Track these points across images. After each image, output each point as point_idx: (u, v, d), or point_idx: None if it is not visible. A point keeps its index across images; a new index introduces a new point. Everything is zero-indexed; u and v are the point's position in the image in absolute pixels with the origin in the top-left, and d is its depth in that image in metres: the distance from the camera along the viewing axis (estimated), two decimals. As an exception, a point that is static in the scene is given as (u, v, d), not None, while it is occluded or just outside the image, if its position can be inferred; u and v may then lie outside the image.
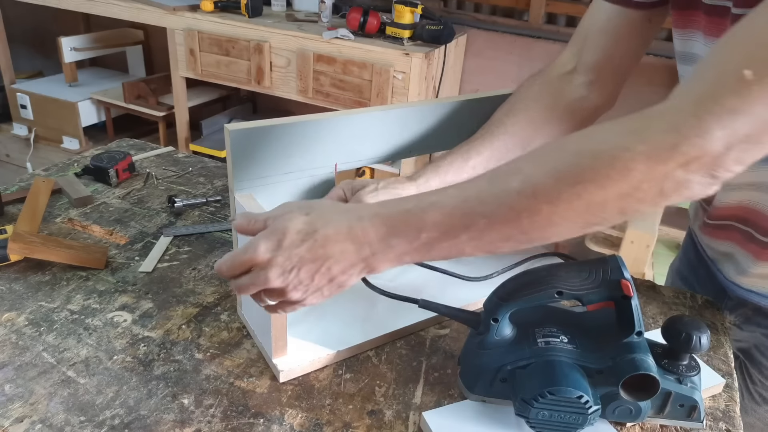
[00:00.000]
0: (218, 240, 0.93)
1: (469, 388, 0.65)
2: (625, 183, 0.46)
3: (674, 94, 0.49)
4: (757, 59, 0.44)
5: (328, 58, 2.20)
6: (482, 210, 0.49)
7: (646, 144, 0.46)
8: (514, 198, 0.48)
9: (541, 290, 0.60)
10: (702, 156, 0.45)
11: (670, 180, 0.46)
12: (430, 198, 0.51)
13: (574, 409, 0.58)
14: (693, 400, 0.61)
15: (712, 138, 0.44)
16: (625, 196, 0.47)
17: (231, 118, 2.85)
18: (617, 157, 0.46)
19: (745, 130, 0.44)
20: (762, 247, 0.73)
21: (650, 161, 0.45)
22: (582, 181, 0.47)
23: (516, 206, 0.48)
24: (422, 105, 0.78)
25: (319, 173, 0.74)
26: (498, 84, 2.55)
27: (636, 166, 0.45)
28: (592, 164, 0.47)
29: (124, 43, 3.03)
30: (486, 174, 0.52)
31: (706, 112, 0.45)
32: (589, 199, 0.47)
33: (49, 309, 0.76)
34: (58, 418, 0.61)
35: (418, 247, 0.51)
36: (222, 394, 0.65)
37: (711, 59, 0.49)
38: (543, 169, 0.48)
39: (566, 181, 0.47)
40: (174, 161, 1.20)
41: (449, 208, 0.50)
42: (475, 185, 0.51)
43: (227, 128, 0.65)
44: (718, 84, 0.46)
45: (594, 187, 0.46)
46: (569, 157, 0.48)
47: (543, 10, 2.39)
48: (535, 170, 0.49)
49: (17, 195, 1.00)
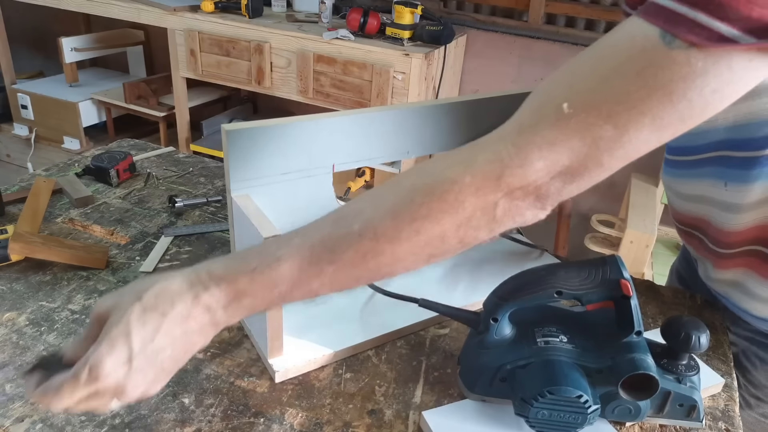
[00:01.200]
0: (219, 240, 0.94)
1: (468, 388, 0.65)
2: (459, 215, 0.48)
3: (505, 123, 0.50)
4: (576, 92, 0.46)
5: (328, 58, 2.20)
6: (329, 257, 0.49)
7: (473, 175, 0.47)
8: (356, 241, 0.49)
9: (541, 290, 0.60)
10: (525, 185, 0.47)
11: (499, 208, 0.48)
12: (275, 252, 0.50)
13: (573, 408, 0.58)
14: (692, 399, 0.62)
15: (533, 168, 0.46)
16: (461, 227, 0.48)
17: (231, 119, 2.85)
18: (447, 190, 0.47)
19: (564, 161, 0.46)
20: (716, 256, 0.76)
21: (478, 192, 0.47)
22: (418, 217, 0.48)
23: (360, 249, 0.49)
24: (421, 106, 0.78)
25: (317, 173, 0.74)
26: (498, 84, 2.55)
27: (466, 197, 0.47)
28: (424, 200, 0.48)
29: (125, 44, 3.03)
30: (330, 216, 0.52)
31: (527, 142, 0.46)
32: (428, 235, 0.48)
33: (49, 309, 0.76)
34: (58, 417, 0.61)
35: (271, 300, 0.51)
36: (222, 394, 0.65)
37: (537, 90, 0.50)
38: (382, 210, 0.49)
39: (404, 219, 0.48)
40: (175, 161, 1.20)
41: (297, 260, 0.49)
42: (319, 231, 0.51)
43: (224, 128, 0.65)
44: (540, 115, 0.47)
45: (430, 223, 0.48)
46: (405, 194, 0.49)
47: (543, 10, 2.39)
48: (375, 211, 0.50)
49: (18, 195, 1.00)
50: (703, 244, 0.78)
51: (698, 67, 0.42)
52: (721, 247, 0.75)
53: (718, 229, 0.73)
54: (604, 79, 0.45)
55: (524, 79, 2.50)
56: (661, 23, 0.43)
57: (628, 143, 0.45)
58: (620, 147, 0.45)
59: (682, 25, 0.42)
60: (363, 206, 0.51)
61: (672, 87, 0.43)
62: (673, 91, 0.43)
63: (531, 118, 0.48)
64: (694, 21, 0.41)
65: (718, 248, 0.75)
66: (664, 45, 0.42)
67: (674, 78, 0.42)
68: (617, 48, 0.46)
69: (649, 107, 0.44)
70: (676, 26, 0.42)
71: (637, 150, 0.46)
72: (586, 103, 0.45)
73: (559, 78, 0.49)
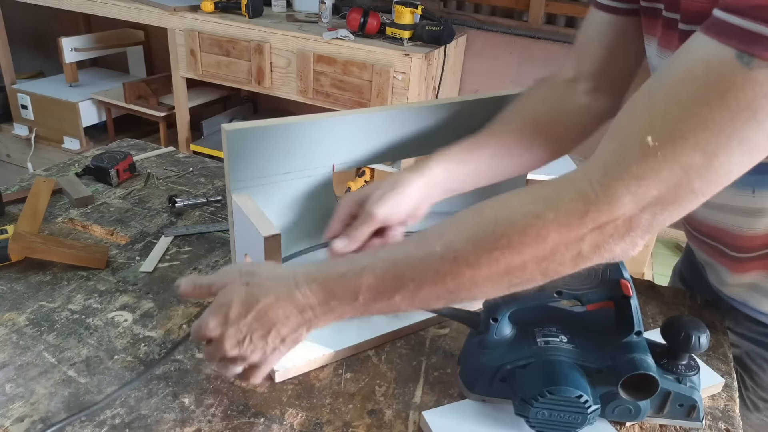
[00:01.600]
0: (219, 240, 0.94)
1: (469, 388, 0.65)
2: (540, 248, 0.48)
3: (587, 161, 0.50)
4: (659, 125, 0.46)
5: (328, 58, 2.20)
6: (411, 273, 0.52)
7: (557, 212, 0.48)
8: (438, 262, 0.51)
9: (541, 290, 0.60)
10: (613, 220, 0.47)
11: (586, 243, 0.48)
12: (362, 262, 0.54)
13: (573, 408, 0.58)
14: (692, 399, 0.62)
15: (621, 203, 0.46)
16: (543, 260, 0.49)
17: (231, 119, 2.85)
18: (530, 224, 0.49)
19: (654, 193, 0.46)
20: (735, 261, 0.76)
21: (561, 228, 0.48)
22: (499, 247, 0.49)
23: (441, 270, 0.51)
24: (421, 106, 0.78)
25: (317, 173, 0.74)
26: (498, 84, 2.55)
27: (548, 233, 0.48)
28: (506, 231, 0.49)
29: (125, 44, 3.03)
30: (414, 237, 0.55)
31: (613, 179, 0.47)
32: (507, 264, 0.49)
33: (49, 309, 0.76)
34: (58, 417, 0.61)
35: (355, 308, 0.54)
36: (222, 394, 0.65)
37: (617, 125, 0.50)
38: (463, 235, 0.51)
39: (484, 247, 0.50)
40: (174, 161, 1.20)
41: (381, 272, 0.52)
42: (403, 248, 0.54)
43: (224, 128, 0.65)
44: (624, 151, 0.47)
45: (511, 253, 0.49)
46: (486, 224, 0.51)
47: (542, 10, 2.39)
48: (456, 236, 0.52)
49: (18, 195, 1.00)
50: (720, 252, 0.78)
51: None
52: (740, 252, 0.74)
53: (738, 236, 0.72)
54: (685, 109, 0.45)
55: (524, 79, 2.49)
56: (736, 44, 0.43)
57: (720, 168, 0.45)
58: (712, 172, 0.45)
59: (758, 43, 0.42)
60: (445, 230, 0.53)
61: (755, 107, 0.43)
62: (756, 110, 0.43)
63: (615, 157, 0.48)
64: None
65: (738, 253, 0.74)
66: (742, 66, 0.43)
67: (757, 98, 0.43)
68: (694, 75, 0.46)
69: (736, 130, 0.44)
70: (752, 45, 0.42)
71: (729, 174, 0.46)
72: (671, 134, 0.45)
73: (635, 113, 0.49)
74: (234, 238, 0.74)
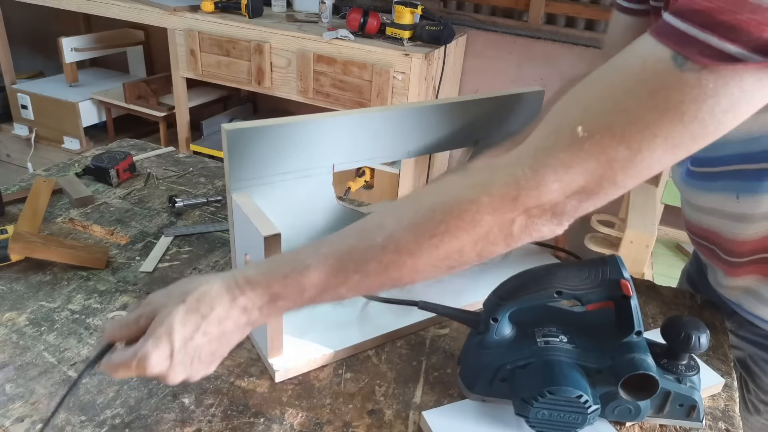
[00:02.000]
0: (219, 240, 0.94)
1: (469, 388, 0.65)
2: (476, 231, 0.50)
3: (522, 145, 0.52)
4: (590, 115, 0.47)
5: (328, 58, 2.20)
6: (354, 267, 0.53)
7: (490, 196, 0.50)
8: (380, 253, 0.52)
9: (541, 290, 0.60)
10: (541, 204, 0.49)
11: (516, 225, 0.50)
12: (305, 260, 0.53)
13: (573, 408, 0.58)
14: (692, 399, 0.62)
15: (549, 189, 0.48)
16: (478, 242, 0.51)
17: (231, 119, 2.85)
18: (466, 209, 0.50)
19: (579, 182, 0.48)
20: (728, 265, 0.77)
21: (495, 212, 0.50)
22: (438, 233, 0.51)
23: (383, 260, 0.52)
24: (421, 106, 0.78)
25: (317, 173, 0.74)
26: (498, 84, 2.55)
27: (483, 216, 0.50)
28: (444, 218, 0.51)
29: (125, 44, 3.03)
30: (354, 228, 0.56)
31: (543, 164, 0.48)
32: (447, 249, 0.51)
33: (49, 309, 0.76)
34: (58, 417, 0.61)
35: (302, 303, 0.54)
36: (222, 394, 0.65)
37: (552, 113, 0.51)
38: (403, 224, 0.52)
39: (424, 234, 0.51)
40: (174, 161, 1.20)
41: (325, 268, 0.53)
42: (344, 241, 0.54)
43: (224, 128, 0.66)
44: (555, 139, 0.49)
45: (449, 238, 0.51)
46: (424, 210, 0.52)
47: (543, 10, 2.39)
48: (396, 225, 0.53)
49: (18, 195, 1.00)
50: (715, 254, 0.79)
51: (709, 89, 0.42)
52: (732, 257, 0.75)
53: (730, 240, 0.73)
54: (617, 102, 0.46)
55: (524, 79, 2.50)
56: (673, 45, 0.43)
57: (642, 163, 0.46)
58: (634, 167, 0.47)
59: (693, 46, 0.42)
60: (385, 220, 0.54)
61: (683, 108, 0.43)
62: (684, 112, 0.44)
63: (546, 142, 0.49)
64: (704, 43, 0.42)
65: (730, 257, 0.75)
66: (676, 67, 0.43)
67: (685, 99, 0.43)
68: (630, 71, 0.46)
69: (662, 128, 0.44)
70: (687, 48, 0.43)
71: (650, 169, 0.47)
72: (600, 126, 0.46)
73: (573, 101, 0.50)
74: (234, 238, 0.74)
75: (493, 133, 0.86)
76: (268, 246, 0.61)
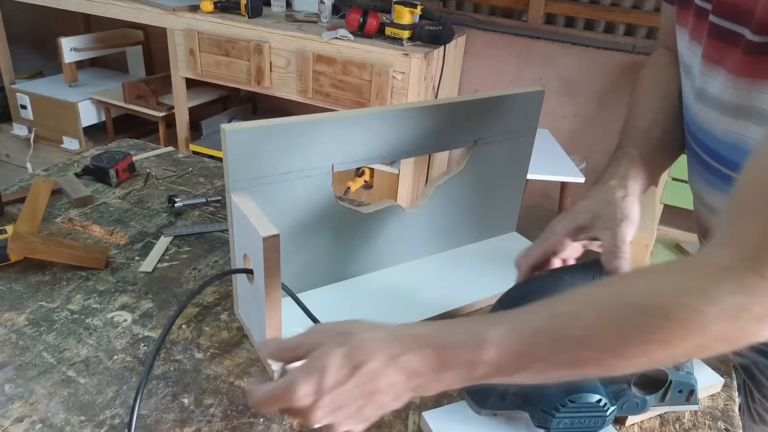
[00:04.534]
0: (218, 240, 0.94)
1: (480, 405, 0.63)
2: (697, 341, 0.46)
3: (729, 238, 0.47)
4: None
5: (327, 58, 2.20)
6: (541, 354, 0.47)
7: (718, 306, 0.44)
8: (577, 348, 0.47)
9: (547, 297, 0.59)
10: None
11: (743, 334, 0.46)
12: (484, 332, 0.48)
13: (593, 413, 0.58)
14: (690, 384, 0.63)
15: None
16: (698, 349, 0.47)
17: (231, 119, 2.85)
18: (690, 320, 0.45)
19: None
20: None
21: (723, 323, 0.45)
22: (654, 340, 0.45)
23: (580, 355, 0.47)
24: (421, 106, 0.78)
25: (317, 173, 0.74)
26: (497, 84, 2.55)
27: (711, 327, 0.45)
28: (663, 325, 0.45)
29: (124, 44, 3.03)
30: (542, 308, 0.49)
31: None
32: (661, 355, 0.47)
33: (49, 309, 0.76)
34: (58, 417, 0.61)
35: (468, 380, 0.49)
36: (222, 394, 0.65)
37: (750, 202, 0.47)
38: (607, 322, 0.47)
39: (635, 339, 0.46)
40: (174, 161, 1.20)
41: (505, 348, 0.47)
42: (530, 322, 0.48)
43: (223, 128, 0.65)
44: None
45: (667, 346, 0.46)
46: (634, 312, 0.46)
47: (542, 10, 2.39)
48: (597, 321, 0.47)
49: (17, 195, 1.00)
50: None
51: None
52: None
53: None
54: None
55: (524, 79, 2.50)
56: None
57: None
58: None
59: None
60: (582, 310, 0.48)
61: None
62: None
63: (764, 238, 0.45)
64: None
65: None
66: None
67: None
68: None
69: None
70: None
71: None
72: None
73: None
74: (233, 238, 0.74)
75: (493, 133, 0.86)
76: (267, 246, 0.61)
